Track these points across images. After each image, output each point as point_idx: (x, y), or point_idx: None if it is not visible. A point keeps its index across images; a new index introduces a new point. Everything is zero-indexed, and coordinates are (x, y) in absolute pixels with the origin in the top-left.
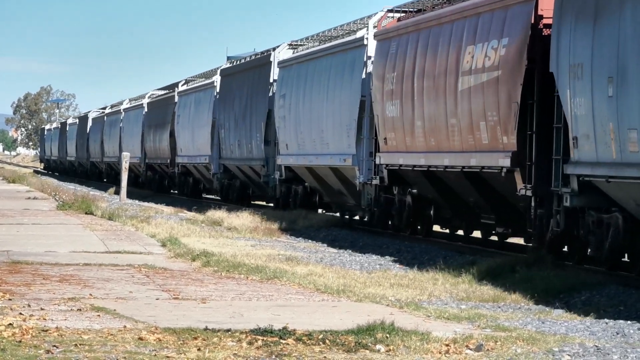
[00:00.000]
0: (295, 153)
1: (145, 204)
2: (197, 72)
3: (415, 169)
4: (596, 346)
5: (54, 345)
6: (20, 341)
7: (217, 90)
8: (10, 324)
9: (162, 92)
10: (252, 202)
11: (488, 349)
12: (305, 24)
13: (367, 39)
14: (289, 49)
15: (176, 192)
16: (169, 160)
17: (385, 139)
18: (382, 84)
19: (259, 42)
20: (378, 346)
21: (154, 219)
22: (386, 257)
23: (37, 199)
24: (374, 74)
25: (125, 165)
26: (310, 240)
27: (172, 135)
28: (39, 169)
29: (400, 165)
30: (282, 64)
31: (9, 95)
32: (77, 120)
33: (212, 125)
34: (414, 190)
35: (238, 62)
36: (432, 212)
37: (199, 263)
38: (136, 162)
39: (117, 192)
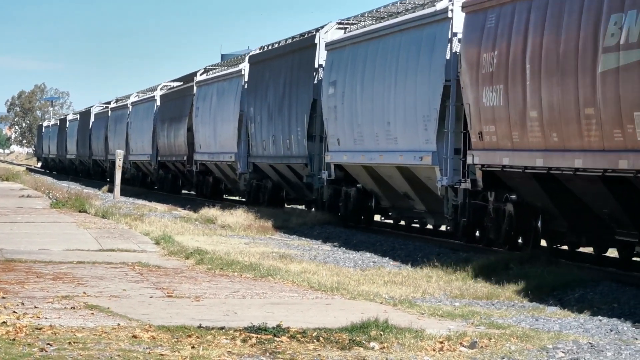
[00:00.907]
0: (350, 149)
1: (139, 201)
2: (191, 71)
3: (526, 171)
4: (590, 343)
5: (48, 344)
6: (14, 339)
7: (245, 79)
8: (3, 322)
9: (177, 83)
10: (286, 205)
11: (482, 346)
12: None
13: (451, 10)
14: (338, 28)
15: (193, 192)
16: (185, 158)
17: (480, 133)
18: (475, 65)
19: (253, 40)
20: (372, 344)
21: (148, 217)
22: (380, 254)
23: (30, 197)
24: (463, 53)
25: (118, 163)
26: (304, 238)
27: (189, 130)
28: (32, 167)
29: (504, 166)
30: (331, 46)
31: (3, 93)
32: (78, 116)
33: (239, 119)
34: (516, 197)
35: (271, 47)
36: (539, 224)
37: (192, 261)
38: (146, 159)
39: (111, 190)
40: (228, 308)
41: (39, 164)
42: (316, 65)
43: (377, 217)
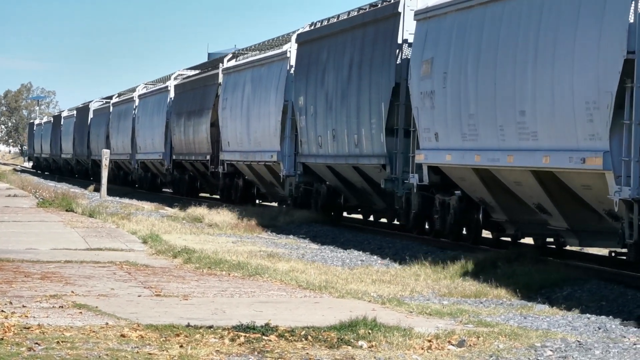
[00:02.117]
0: (455, 147)
1: (126, 200)
2: (177, 69)
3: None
4: (578, 341)
5: (36, 343)
6: (2, 339)
7: (292, 62)
8: None
9: (193, 71)
10: (345, 214)
11: (470, 345)
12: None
13: None
14: None
15: (216, 196)
16: (208, 157)
17: None
18: None
19: (240, 39)
20: (360, 342)
21: (135, 216)
22: (368, 253)
23: (17, 197)
24: None
25: (105, 163)
26: (291, 237)
27: (213, 125)
28: (19, 167)
29: None
30: (424, 15)
31: None
32: (75, 113)
33: (282, 111)
34: None
35: (327, 22)
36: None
37: (180, 260)
38: (157, 158)
39: (98, 189)
40: (216, 307)
41: (30, 164)
42: (400, 41)
43: (485, 233)
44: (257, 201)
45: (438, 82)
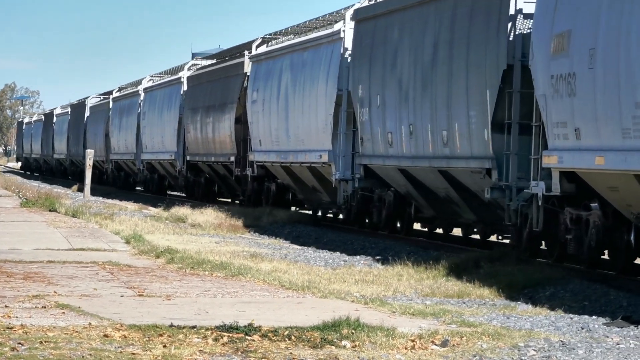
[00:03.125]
0: (613, 147)
1: (109, 201)
2: (164, 69)
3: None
4: (561, 341)
5: (19, 343)
6: None
7: (347, 44)
8: None
9: (209, 61)
10: (420, 225)
11: (454, 345)
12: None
13: None
14: None
15: (237, 201)
16: (232, 159)
17: None
18: None
19: (225, 39)
20: (344, 342)
21: (118, 216)
22: (351, 253)
23: (0, 197)
24: None
25: (89, 163)
26: (274, 237)
27: (239, 121)
28: (2, 167)
29: None
30: None
31: None
32: (69, 110)
33: (335, 102)
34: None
35: None
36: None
37: (163, 260)
38: (167, 159)
39: (81, 189)
40: (199, 307)
41: (18, 165)
42: (512, 11)
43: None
44: (292, 208)
45: (581, 62)
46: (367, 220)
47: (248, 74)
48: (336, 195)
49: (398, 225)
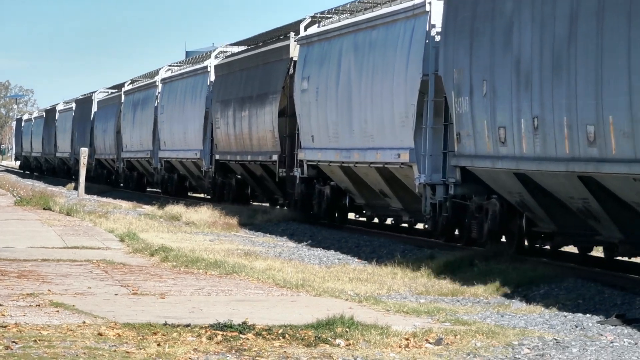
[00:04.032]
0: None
1: (104, 199)
2: (156, 68)
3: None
4: (555, 339)
5: (13, 341)
6: None
7: (432, 20)
8: None
9: (238, 47)
10: (524, 243)
11: (448, 343)
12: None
13: None
14: None
15: (278, 206)
16: (275, 157)
17: None
18: None
19: (218, 37)
20: (338, 340)
21: (112, 214)
22: (345, 251)
23: None
24: None
25: (83, 161)
26: (268, 235)
27: (283, 114)
28: (1, 167)
29: None
30: None
31: None
32: (73, 105)
33: (418, 89)
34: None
35: None
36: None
37: (157, 258)
38: (192, 157)
39: (76, 188)
40: (193, 305)
41: (16, 164)
42: None
43: None
44: (353, 216)
45: None
46: (456, 233)
47: (295, 59)
48: (409, 201)
49: (503, 239)
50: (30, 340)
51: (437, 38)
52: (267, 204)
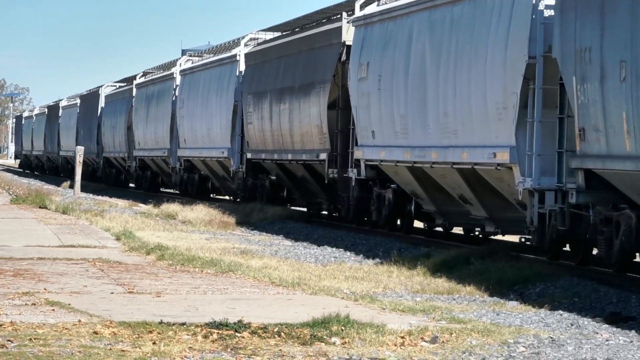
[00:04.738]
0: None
1: (100, 197)
2: (152, 66)
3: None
4: (551, 337)
5: (9, 340)
6: None
7: None
8: None
9: (270, 34)
10: None
11: (443, 341)
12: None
13: None
14: None
15: (324, 211)
16: (323, 156)
17: None
18: None
19: (214, 36)
20: (333, 339)
21: (108, 213)
22: (341, 249)
23: None
24: None
25: (79, 160)
26: (264, 233)
27: (333, 106)
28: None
29: None
30: None
31: None
32: (78, 101)
33: (522, 75)
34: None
35: None
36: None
37: (153, 257)
38: (219, 156)
39: (72, 186)
40: (189, 304)
41: (15, 162)
42: None
43: None
44: (417, 224)
45: None
46: (569, 249)
47: (348, 43)
48: (498, 209)
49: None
50: (25, 338)
51: (547, 13)
52: (304, 209)
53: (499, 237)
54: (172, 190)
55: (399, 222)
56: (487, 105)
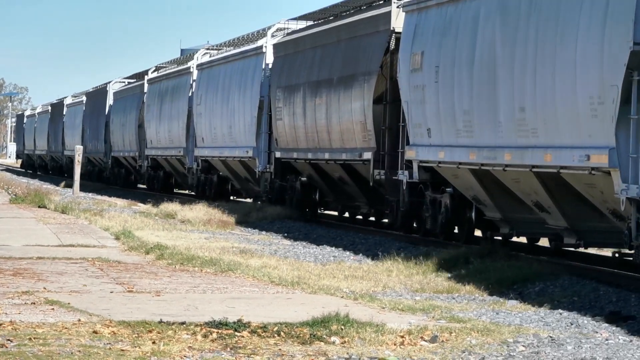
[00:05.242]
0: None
1: (99, 197)
2: (150, 66)
3: None
4: (550, 337)
5: (8, 339)
6: None
7: None
8: None
9: (305, 22)
10: None
11: (443, 340)
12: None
13: None
14: None
15: (372, 218)
16: (368, 155)
17: None
18: None
19: (213, 35)
20: (333, 338)
21: (108, 212)
22: (340, 248)
23: None
24: None
25: (77, 159)
26: (264, 233)
27: (379, 100)
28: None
29: None
30: None
31: None
32: (84, 98)
33: (624, 65)
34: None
35: None
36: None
37: (152, 256)
38: (242, 156)
39: (70, 186)
40: (189, 303)
41: (17, 162)
42: None
43: None
44: (476, 232)
45: None
46: None
47: (397, 30)
48: (582, 219)
49: None
50: (25, 338)
51: None
52: (334, 212)
53: (581, 249)
54: (187, 192)
55: (456, 230)
56: (578, 100)
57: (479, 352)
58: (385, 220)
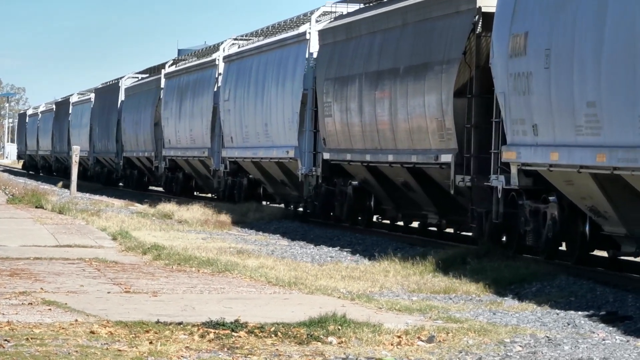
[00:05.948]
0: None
1: (96, 197)
2: (149, 66)
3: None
4: (547, 337)
5: (5, 340)
6: None
7: None
8: None
9: (356, 5)
10: None
11: (440, 341)
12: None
13: None
14: None
15: (448, 229)
16: (447, 158)
17: None
18: None
19: (209, 35)
20: (330, 338)
21: (105, 213)
22: (337, 249)
23: None
24: None
25: (75, 159)
26: (261, 233)
27: (460, 93)
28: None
29: None
30: None
31: None
32: (92, 96)
33: None
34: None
35: None
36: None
37: (150, 256)
38: (280, 156)
39: (67, 186)
40: (186, 303)
41: (19, 163)
42: None
43: None
44: (598, 252)
45: None
46: None
47: (485, 9)
48: None
49: None
50: (22, 338)
51: None
52: (386, 221)
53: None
54: (209, 195)
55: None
56: None
57: (476, 352)
58: (469, 234)
